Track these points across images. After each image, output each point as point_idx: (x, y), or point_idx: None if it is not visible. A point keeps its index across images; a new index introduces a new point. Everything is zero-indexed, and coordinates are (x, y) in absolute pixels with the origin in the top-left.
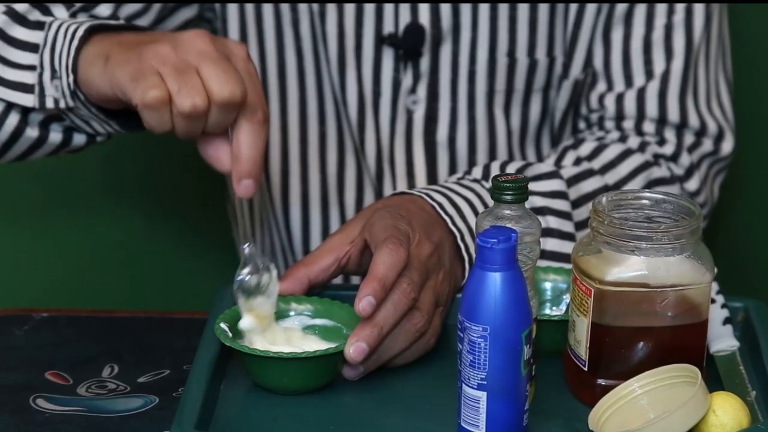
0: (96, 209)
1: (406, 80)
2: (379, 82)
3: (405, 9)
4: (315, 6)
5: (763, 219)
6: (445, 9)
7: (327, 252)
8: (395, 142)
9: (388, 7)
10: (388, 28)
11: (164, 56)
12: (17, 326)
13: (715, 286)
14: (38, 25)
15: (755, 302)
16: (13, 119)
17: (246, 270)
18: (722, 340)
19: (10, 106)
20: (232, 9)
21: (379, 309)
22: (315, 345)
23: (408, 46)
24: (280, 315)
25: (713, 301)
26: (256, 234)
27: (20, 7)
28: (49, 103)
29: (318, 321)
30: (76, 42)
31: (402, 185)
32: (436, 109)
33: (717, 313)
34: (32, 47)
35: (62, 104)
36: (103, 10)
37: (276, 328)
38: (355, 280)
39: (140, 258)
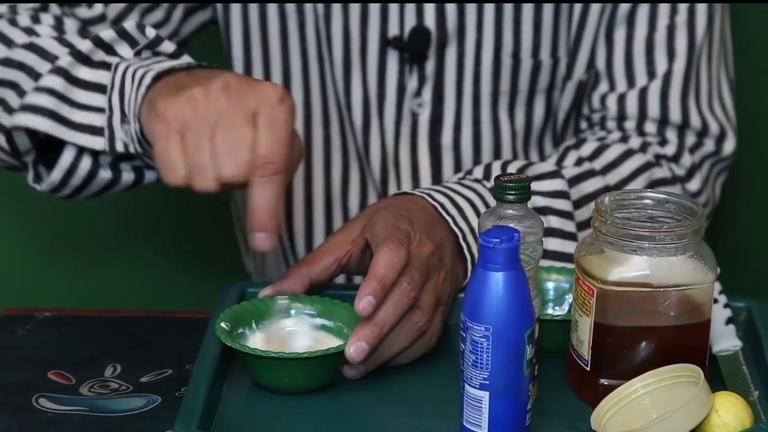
0: (98, 209)
1: (412, 83)
2: (384, 85)
3: (410, 11)
4: (320, 8)
5: (765, 219)
6: (451, 11)
7: (328, 251)
8: (400, 146)
9: (393, 10)
10: (393, 30)
11: (186, 120)
12: (20, 326)
13: (717, 286)
14: (104, 66)
15: (758, 302)
16: (86, 163)
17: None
18: (725, 340)
19: (81, 149)
20: (236, 12)
21: (379, 308)
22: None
23: (413, 48)
24: (280, 314)
25: (716, 300)
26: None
27: (84, 47)
28: (119, 147)
29: (319, 320)
30: (143, 89)
31: (407, 188)
32: (441, 111)
33: (719, 313)
34: (99, 88)
35: (131, 149)
36: (168, 47)
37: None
38: (356, 279)
39: (143, 257)
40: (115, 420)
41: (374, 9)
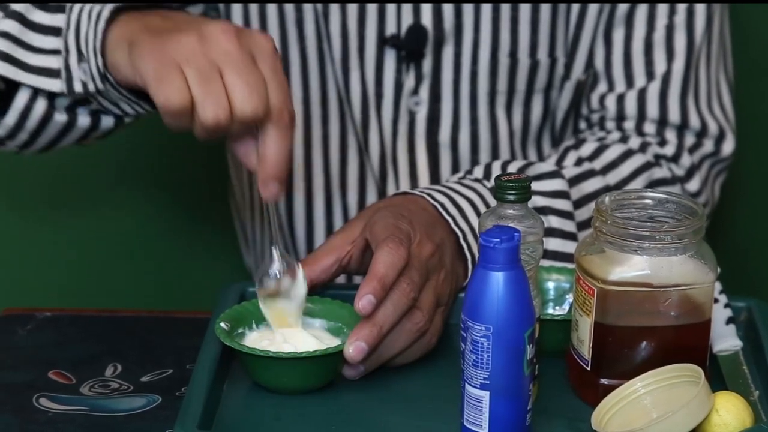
0: (99, 208)
1: (409, 81)
2: (382, 83)
3: (407, 10)
4: (319, 6)
5: (765, 219)
6: (448, 10)
7: (328, 251)
8: (398, 143)
9: (391, 9)
10: (390, 29)
11: (188, 53)
12: (20, 325)
13: (718, 286)
14: (59, 9)
15: (758, 302)
16: (40, 105)
17: (273, 269)
18: (725, 340)
19: (36, 92)
20: (236, 9)
21: (379, 308)
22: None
23: (410, 47)
24: None
25: (716, 300)
26: (257, 235)
27: None
28: (78, 87)
29: (318, 320)
30: (102, 24)
31: (405, 186)
32: (438, 110)
33: (720, 313)
34: (55, 31)
35: (91, 87)
36: None
37: (302, 333)
38: (356, 279)
39: (143, 257)
40: (116, 420)
41: (372, 7)
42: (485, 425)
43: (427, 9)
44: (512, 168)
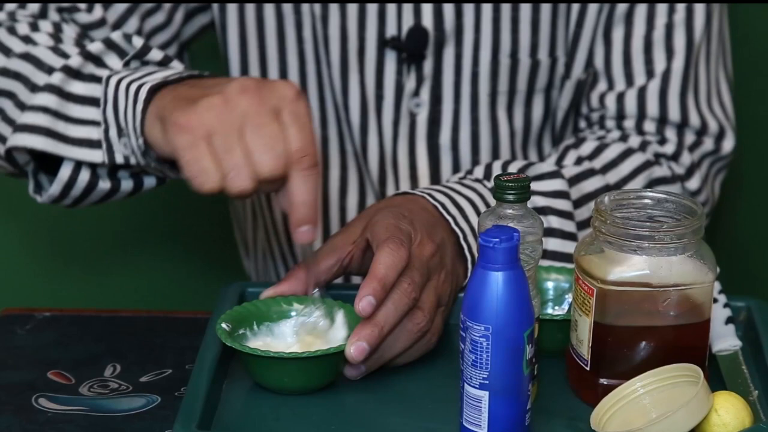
0: (98, 208)
1: (409, 83)
2: (382, 86)
3: (408, 12)
4: (317, 9)
5: (764, 218)
6: (448, 11)
7: (329, 252)
8: (398, 146)
9: (391, 10)
10: (390, 31)
11: (213, 124)
12: (20, 326)
13: (717, 286)
14: (95, 79)
15: (757, 302)
16: (84, 176)
17: (313, 315)
18: (724, 340)
19: (79, 163)
20: (232, 14)
21: (380, 309)
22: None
23: (411, 48)
24: (281, 315)
25: (715, 300)
26: (254, 238)
27: (74, 62)
28: (119, 159)
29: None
30: (140, 105)
31: (405, 188)
32: (439, 111)
33: (719, 313)
34: (92, 101)
35: (133, 161)
36: (156, 55)
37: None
38: (357, 280)
39: (143, 257)
40: (115, 420)
41: (372, 9)
42: (484, 425)
43: (427, 10)
44: (512, 168)
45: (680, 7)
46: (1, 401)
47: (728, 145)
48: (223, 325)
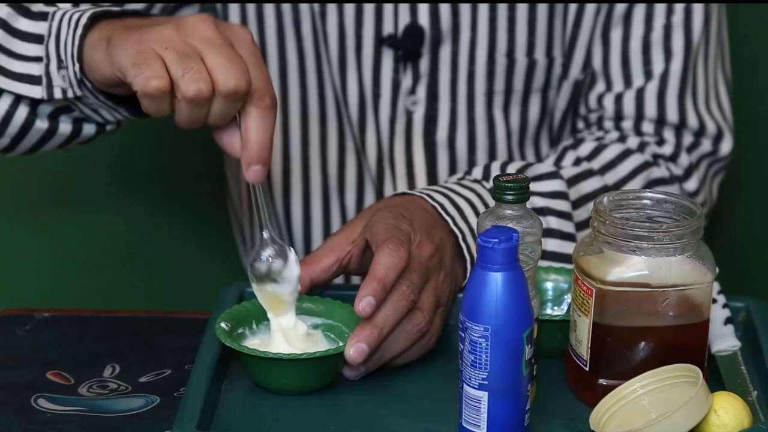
0: (98, 208)
1: (406, 81)
2: (379, 83)
3: (404, 10)
4: (316, 6)
5: (763, 219)
6: (445, 10)
7: (328, 252)
8: (395, 143)
9: (388, 8)
10: (387, 28)
11: (167, 39)
12: (19, 326)
13: (716, 286)
14: (42, 16)
15: (756, 302)
16: (22, 112)
17: (264, 254)
18: (723, 340)
19: (18, 98)
20: (234, 9)
21: (379, 310)
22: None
23: (407, 46)
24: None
25: (714, 300)
26: (253, 236)
27: None
28: (57, 94)
29: (319, 320)
30: (80, 30)
31: (402, 185)
32: (435, 109)
33: (718, 313)
34: (37, 38)
35: (70, 94)
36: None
37: (295, 318)
38: (356, 280)
39: (142, 257)
40: (114, 420)
41: (369, 7)
42: (483, 426)
43: (424, 9)
44: (511, 169)
45: (679, 9)
46: (1, 401)
47: (726, 146)
48: (222, 325)
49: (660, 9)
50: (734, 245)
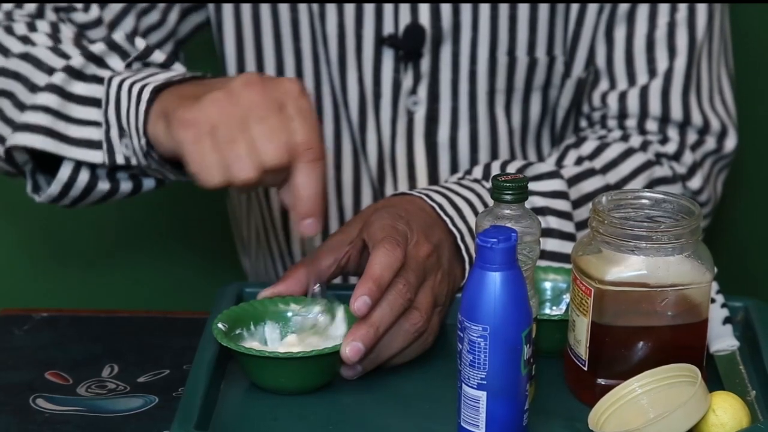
0: (97, 208)
1: (407, 81)
2: (380, 83)
3: (405, 9)
4: (315, 7)
5: (763, 219)
6: (446, 9)
7: (326, 252)
8: (396, 143)
9: (388, 8)
10: (388, 28)
11: (217, 114)
12: (17, 326)
13: (715, 286)
14: (96, 80)
15: (755, 302)
16: (84, 176)
17: (314, 309)
18: (722, 340)
19: (79, 164)
20: (228, 12)
21: (375, 309)
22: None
23: (408, 46)
24: (278, 316)
25: (713, 300)
26: (251, 237)
27: (76, 63)
28: (120, 160)
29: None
30: (143, 105)
31: (403, 186)
32: (436, 109)
33: (717, 313)
34: (94, 102)
35: (134, 162)
36: (158, 57)
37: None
38: (354, 280)
39: (141, 258)
40: (113, 420)
41: (369, 7)
42: (482, 425)
43: (424, 8)
44: (511, 168)
45: (682, 6)
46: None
47: (731, 143)
48: (220, 325)
49: (664, 7)
50: (734, 244)
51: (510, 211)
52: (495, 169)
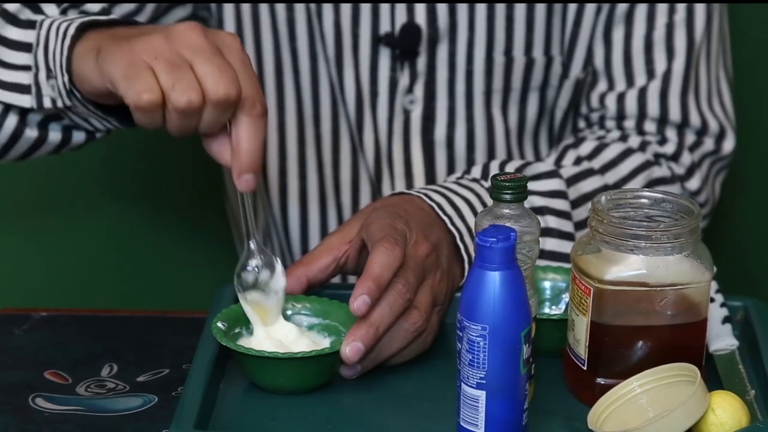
0: (95, 208)
1: (403, 80)
2: (376, 82)
3: (401, 8)
4: (312, 5)
5: (763, 219)
6: (442, 8)
7: (325, 251)
8: (393, 142)
9: (385, 7)
10: (384, 27)
11: (156, 49)
12: (17, 326)
13: (714, 285)
14: (30, 24)
15: (754, 301)
16: (11, 121)
17: (251, 263)
18: (721, 339)
19: (7, 107)
20: (228, 9)
21: (375, 308)
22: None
23: (404, 45)
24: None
25: (712, 300)
26: (251, 235)
27: (11, 7)
28: (47, 103)
29: (316, 320)
30: (68, 41)
31: (400, 185)
32: (433, 108)
33: (716, 312)
34: (26, 47)
35: (59, 103)
36: (94, 7)
37: (284, 325)
38: (353, 279)
39: (140, 257)
40: (112, 420)
41: (365, 6)
42: (481, 425)
43: (421, 8)
44: (510, 168)
45: (681, 7)
46: None
47: (729, 145)
48: (219, 324)
49: (662, 8)
50: (733, 244)
51: (509, 211)
52: (494, 168)
